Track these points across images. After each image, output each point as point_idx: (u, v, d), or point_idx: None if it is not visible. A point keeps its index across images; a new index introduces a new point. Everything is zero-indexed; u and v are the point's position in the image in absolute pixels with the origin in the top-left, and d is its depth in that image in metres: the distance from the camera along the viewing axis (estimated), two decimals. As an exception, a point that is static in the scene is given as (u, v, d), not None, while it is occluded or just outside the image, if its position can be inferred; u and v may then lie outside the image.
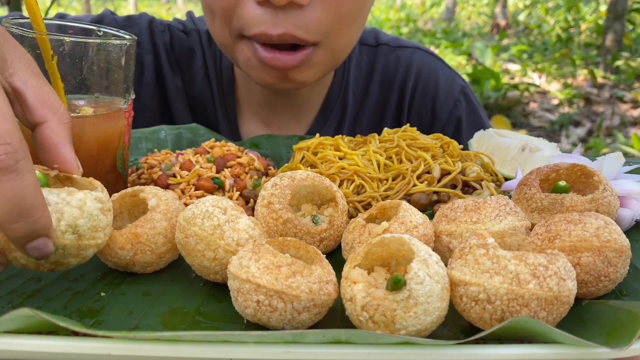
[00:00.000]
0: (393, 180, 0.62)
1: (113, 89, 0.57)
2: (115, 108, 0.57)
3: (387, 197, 0.59)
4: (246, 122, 0.96)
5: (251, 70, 0.77)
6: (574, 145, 3.50)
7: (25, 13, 0.53)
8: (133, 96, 0.59)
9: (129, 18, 0.95)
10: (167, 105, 0.95)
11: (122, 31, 0.59)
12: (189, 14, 1.00)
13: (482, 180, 0.61)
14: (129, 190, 0.51)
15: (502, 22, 7.96)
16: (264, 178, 0.66)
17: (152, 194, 0.49)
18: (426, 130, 0.77)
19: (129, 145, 0.61)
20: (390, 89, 0.98)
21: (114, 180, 0.59)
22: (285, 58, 0.72)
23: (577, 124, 4.08)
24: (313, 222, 0.51)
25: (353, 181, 0.61)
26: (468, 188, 0.61)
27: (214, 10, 0.74)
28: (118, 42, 0.55)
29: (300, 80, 0.77)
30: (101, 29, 0.59)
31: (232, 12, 0.72)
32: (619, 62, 5.09)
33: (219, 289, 0.47)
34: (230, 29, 0.74)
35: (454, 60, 5.72)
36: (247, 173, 0.65)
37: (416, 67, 0.98)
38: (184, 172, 0.63)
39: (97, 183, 0.44)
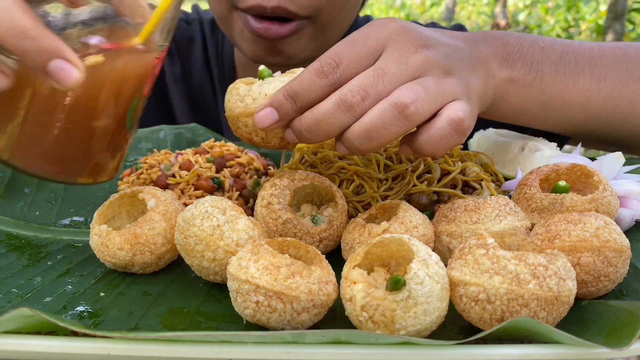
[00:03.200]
0: (393, 180, 0.61)
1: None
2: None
3: (387, 197, 0.59)
4: None
5: (243, 42, 0.82)
6: (574, 145, 3.49)
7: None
8: (167, 43, 0.50)
9: None
10: (165, 92, 0.97)
11: None
12: (194, 7, 1.03)
13: (482, 180, 0.61)
14: (127, 190, 0.51)
15: (502, 22, 7.94)
16: (263, 178, 0.66)
17: (151, 195, 0.49)
18: None
19: (147, 99, 0.53)
20: None
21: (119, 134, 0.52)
22: (276, 28, 0.77)
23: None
24: (313, 222, 0.51)
25: (353, 181, 0.61)
26: (468, 188, 0.61)
27: None
28: None
29: (289, 52, 0.81)
30: None
31: None
32: (619, 62, 5.07)
33: (218, 289, 0.47)
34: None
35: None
36: (246, 173, 0.65)
37: None
38: (184, 172, 0.63)
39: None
